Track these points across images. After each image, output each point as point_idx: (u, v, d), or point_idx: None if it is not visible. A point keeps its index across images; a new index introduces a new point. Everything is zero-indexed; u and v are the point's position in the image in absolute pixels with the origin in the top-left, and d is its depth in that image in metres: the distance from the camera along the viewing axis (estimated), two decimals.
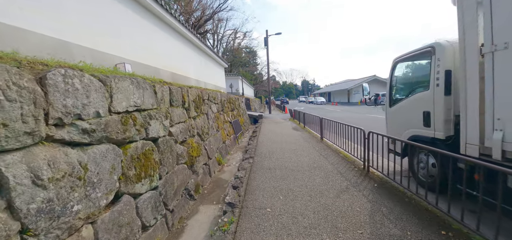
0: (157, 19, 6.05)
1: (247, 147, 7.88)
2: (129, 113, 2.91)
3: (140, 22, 5.31)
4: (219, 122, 7.65)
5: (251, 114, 17.74)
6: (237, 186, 4.02)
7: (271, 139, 8.59)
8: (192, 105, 5.22)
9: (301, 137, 8.71)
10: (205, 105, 6.43)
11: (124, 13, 4.73)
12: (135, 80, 3.10)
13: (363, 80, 38.37)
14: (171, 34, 6.94)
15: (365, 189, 3.72)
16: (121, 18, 4.64)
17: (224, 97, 9.04)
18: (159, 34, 6.20)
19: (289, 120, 15.41)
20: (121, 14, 4.66)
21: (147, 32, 5.61)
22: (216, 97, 7.82)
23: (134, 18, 5.09)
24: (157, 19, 6.06)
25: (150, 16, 5.74)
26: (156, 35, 6.06)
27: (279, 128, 11.53)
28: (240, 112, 12.91)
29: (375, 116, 15.51)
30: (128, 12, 4.85)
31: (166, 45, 6.66)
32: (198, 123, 5.48)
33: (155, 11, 5.74)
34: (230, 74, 25.34)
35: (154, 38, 5.93)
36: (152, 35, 5.86)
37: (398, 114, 4.18)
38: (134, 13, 5.06)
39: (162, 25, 6.40)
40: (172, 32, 7.04)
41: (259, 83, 48.70)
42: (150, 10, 5.62)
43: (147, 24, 5.68)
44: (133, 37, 5.00)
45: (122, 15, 4.69)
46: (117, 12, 4.51)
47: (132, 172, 2.76)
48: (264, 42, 23.85)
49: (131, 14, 4.95)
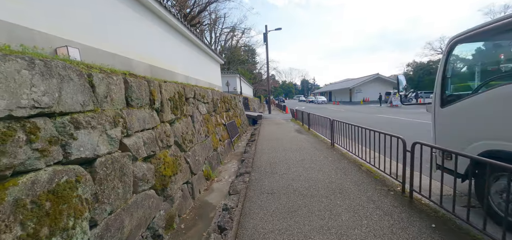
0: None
1: (244, 155, 6.57)
2: (20, 121, 1.60)
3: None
4: (210, 126, 6.35)
5: (250, 114, 16.45)
6: (224, 226, 2.70)
7: (272, 145, 7.29)
8: (168, 105, 3.90)
9: (307, 142, 7.41)
10: (190, 105, 5.12)
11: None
12: (41, 62, 1.79)
13: (366, 78, 37.15)
14: (151, 20, 5.61)
15: (421, 233, 2.43)
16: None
17: (217, 96, 7.74)
18: (131, 15, 4.88)
19: (291, 121, 14.11)
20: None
21: (113, 10, 4.28)
22: (206, 96, 6.51)
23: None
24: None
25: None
26: (126, 15, 4.74)
27: (281, 131, 10.23)
28: (237, 112, 11.61)
29: (385, 117, 14.23)
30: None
31: (143, 31, 5.34)
32: (177, 128, 4.17)
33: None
34: (228, 72, 24.02)
35: (123, 18, 4.60)
36: (120, 14, 4.54)
37: (458, 117, 2.88)
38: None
39: (139, 8, 5.08)
40: (153, 18, 5.71)
41: (258, 82, 47.40)
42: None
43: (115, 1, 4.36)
44: (88, 14, 3.67)
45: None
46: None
47: (14, 234, 1.45)
48: (263, 38, 22.55)
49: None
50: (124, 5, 4.69)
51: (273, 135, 9.18)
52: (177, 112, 4.25)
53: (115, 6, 4.43)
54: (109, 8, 4.25)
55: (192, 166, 4.38)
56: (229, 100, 10.18)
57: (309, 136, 8.50)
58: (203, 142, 5.42)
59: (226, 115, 8.85)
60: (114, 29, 4.36)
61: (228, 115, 9.18)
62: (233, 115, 10.30)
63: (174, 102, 4.13)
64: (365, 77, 38.29)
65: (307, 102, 50.95)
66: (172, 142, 3.87)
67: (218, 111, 7.77)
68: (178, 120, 4.34)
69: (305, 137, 8.32)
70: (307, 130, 10.13)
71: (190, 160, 4.36)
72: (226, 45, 37.96)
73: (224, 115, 8.46)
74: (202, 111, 5.94)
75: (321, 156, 5.63)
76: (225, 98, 9.19)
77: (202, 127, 5.62)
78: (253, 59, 49.33)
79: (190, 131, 4.76)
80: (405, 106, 24.26)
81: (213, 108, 7.21)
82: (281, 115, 19.20)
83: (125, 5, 4.72)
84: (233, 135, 8.90)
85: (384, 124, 11.15)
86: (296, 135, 8.99)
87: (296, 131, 10.06)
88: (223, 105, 8.70)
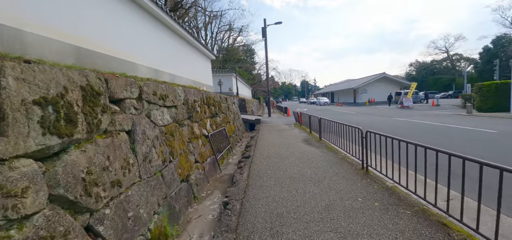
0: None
1: (229, 190, 4.28)
2: None
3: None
4: (178, 143, 4.06)
5: (247, 118, 14.19)
6: None
7: (273, 167, 5.02)
8: (31, 115, 1.63)
9: (324, 162, 5.15)
10: (126, 111, 2.84)
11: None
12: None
13: (372, 78, 34.99)
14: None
15: None
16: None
17: (194, 97, 5.47)
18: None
19: (294, 127, 11.84)
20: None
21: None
22: (172, 96, 4.23)
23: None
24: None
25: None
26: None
27: (284, 142, 7.95)
28: (229, 117, 9.34)
29: (413, 122, 11.94)
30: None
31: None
32: (71, 163, 1.89)
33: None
34: (223, 71, 21.79)
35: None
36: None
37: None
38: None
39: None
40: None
41: (257, 83, 45.23)
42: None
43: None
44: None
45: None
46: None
47: None
48: (262, 34, 20.37)
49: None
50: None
51: (274, 148, 6.91)
52: (75, 128, 1.98)
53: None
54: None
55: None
56: (217, 103, 7.90)
57: (323, 151, 6.22)
58: (156, 174, 3.14)
59: (211, 123, 6.58)
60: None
61: (214, 122, 6.90)
62: (223, 121, 8.03)
63: (58, 107, 1.85)
64: (371, 77, 36.11)
65: (308, 104, 48.68)
66: (44, 199, 1.60)
67: (197, 118, 5.50)
68: (80, 144, 2.06)
69: (320, 153, 6.04)
70: (317, 140, 7.86)
71: (104, 228, 2.08)
72: (223, 44, 35.82)
73: (207, 122, 6.19)
74: (160, 120, 3.66)
75: (359, 195, 3.34)
76: (210, 100, 6.91)
77: (159, 148, 3.34)
78: (252, 59, 47.20)
79: (120, 162, 2.48)
80: (417, 107, 22.01)
81: (187, 114, 4.94)
82: (282, 119, 16.92)
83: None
84: (221, 148, 6.63)
85: (427, 133, 8.91)
86: (305, 148, 6.71)
87: (304, 141, 7.78)
88: (207, 109, 6.43)
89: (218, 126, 7.18)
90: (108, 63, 3.90)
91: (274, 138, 8.76)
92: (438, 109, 19.71)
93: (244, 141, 9.95)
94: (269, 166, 5.09)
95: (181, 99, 4.58)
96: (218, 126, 7.13)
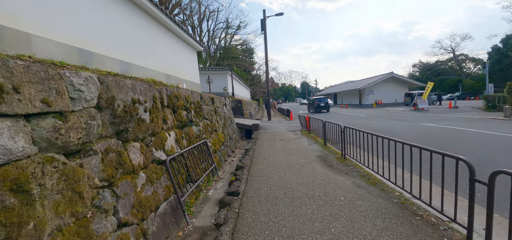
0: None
1: None
2: None
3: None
4: (53, 204, 1.66)
5: (243, 123, 11.78)
6: None
7: (280, 223, 2.62)
8: None
9: (375, 217, 2.74)
10: None
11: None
12: None
13: (379, 78, 32.62)
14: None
15: None
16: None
17: (133, 94, 3.05)
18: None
19: (301, 134, 9.42)
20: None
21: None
22: (33, 90, 1.82)
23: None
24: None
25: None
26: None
27: (293, 162, 5.53)
28: (215, 124, 6.92)
29: (458, 129, 9.50)
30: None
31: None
32: None
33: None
34: (216, 68, 19.39)
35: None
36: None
37: None
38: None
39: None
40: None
41: (256, 83, 42.84)
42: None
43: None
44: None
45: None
46: None
47: None
48: (261, 27, 18.03)
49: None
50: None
51: (278, 176, 4.49)
52: None
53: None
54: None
55: None
56: (195, 104, 5.46)
57: (359, 184, 3.79)
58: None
59: (179, 136, 4.16)
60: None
61: (186, 135, 4.48)
62: (204, 130, 5.62)
63: None
64: (378, 77, 33.73)
65: None
66: None
67: (142, 132, 3.08)
68: None
69: (355, 189, 3.60)
70: (340, 158, 5.43)
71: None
72: (221, 43, 33.48)
73: (168, 137, 3.76)
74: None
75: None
76: (178, 100, 4.45)
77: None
78: (251, 59, 44.86)
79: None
80: (432, 110, 19.61)
81: (113, 127, 2.53)
82: (285, 124, 14.45)
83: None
84: (196, 175, 4.20)
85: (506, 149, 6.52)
86: (327, 175, 4.28)
87: (320, 160, 5.35)
88: (170, 115, 4.01)
89: (194, 140, 4.76)
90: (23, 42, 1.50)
91: (276, 154, 6.34)
92: (458, 111, 17.34)
93: (238, 154, 7.55)
94: (271, 226, 2.68)
95: (83, 98, 2.16)
96: (193, 140, 4.71)
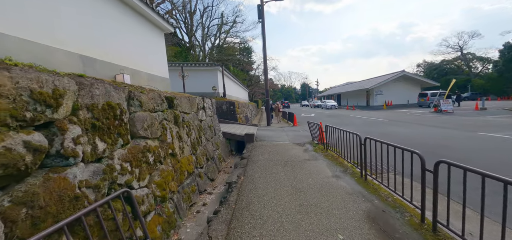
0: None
1: None
2: None
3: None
4: None
5: (233, 133, 8.91)
6: None
7: None
8: None
9: None
10: None
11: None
12: None
13: (389, 77, 29.77)
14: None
15: None
16: None
17: None
18: None
19: (314, 151, 6.54)
20: None
21: None
22: None
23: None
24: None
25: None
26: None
27: (309, 230, 2.63)
28: (172, 144, 4.06)
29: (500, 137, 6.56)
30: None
31: None
32: None
33: None
34: (203, 64, 16.50)
35: None
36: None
37: None
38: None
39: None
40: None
41: (254, 84, 39.98)
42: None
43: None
44: None
45: None
46: None
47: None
48: (258, 15, 15.24)
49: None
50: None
51: None
52: None
53: None
54: None
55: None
56: (105, 112, 2.61)
57: None
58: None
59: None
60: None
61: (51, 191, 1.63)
62: (135, 160, 2.77)
63: None
64: (388, 76, 30.91)
65: (312, 107, 43.17)
66: None
67: None
68: None
69: None
70: (419, 224, 2.57)
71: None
72: (216, 41, 30.68)
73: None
74: None
75: None
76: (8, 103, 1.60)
77: None
78: (249, 58, 42.09)
79: None
80: (456, 112, 16.77)
81: None
82: (288, 132, 11.47)
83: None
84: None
85: None
86: None
87: (370, 224, 2.49)
88: None
89: (77, 200, 1.90)
90: None
91: (280, 203, 3.46)
92: (490, 113, 14.53)
93: (220, 184, 4.69)
94: None
95: None
96: (71, 203, 1.85)
